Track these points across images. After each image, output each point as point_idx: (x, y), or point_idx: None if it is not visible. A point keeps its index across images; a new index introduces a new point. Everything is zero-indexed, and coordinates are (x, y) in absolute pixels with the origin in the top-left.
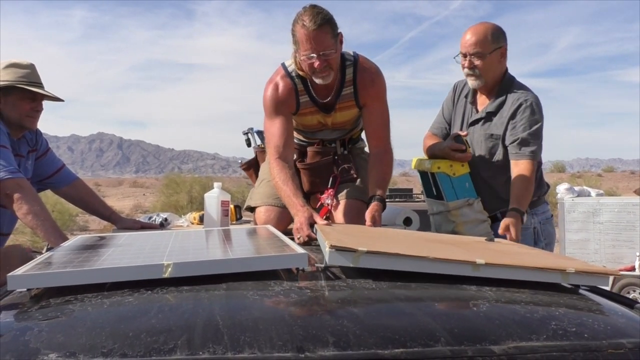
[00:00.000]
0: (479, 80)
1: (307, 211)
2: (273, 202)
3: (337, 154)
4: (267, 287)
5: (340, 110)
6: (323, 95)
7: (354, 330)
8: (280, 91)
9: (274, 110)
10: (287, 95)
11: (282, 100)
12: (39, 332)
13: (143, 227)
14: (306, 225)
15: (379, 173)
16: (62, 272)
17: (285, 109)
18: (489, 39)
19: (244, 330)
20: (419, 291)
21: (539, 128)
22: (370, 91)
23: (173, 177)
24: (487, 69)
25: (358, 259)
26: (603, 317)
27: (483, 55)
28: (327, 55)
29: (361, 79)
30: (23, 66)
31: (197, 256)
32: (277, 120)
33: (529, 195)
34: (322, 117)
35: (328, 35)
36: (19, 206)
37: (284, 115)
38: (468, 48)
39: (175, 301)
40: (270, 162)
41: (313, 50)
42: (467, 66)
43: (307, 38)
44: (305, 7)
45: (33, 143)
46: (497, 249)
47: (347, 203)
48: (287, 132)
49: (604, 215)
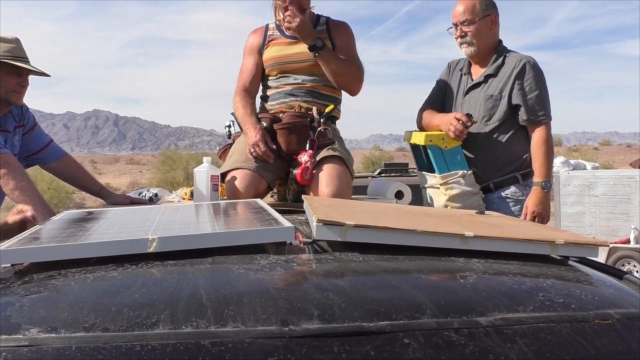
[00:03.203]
0: (472, 47)
1: (261, 130)
2: (240, 165)
3: (314, 120)
4: (253, 261)
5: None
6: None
7: (339, 303)
8: (254, 34)
9: (246, 50)
10: (258, 34)
11: (253, 39)
12: (20, 307)
13: (133, 203)
14: (262, 142)
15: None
16: (46, 247)
17: (255, 49)
18: (477, 7)
19: (228, 304)
20: (405, 264)
21: (545, 88)
22: (342, 33)
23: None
24: (478, 35)
25: (346, 233)
26: (591, 287)
27: (473, 21)
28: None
29: (333, 24)
30: (8, 40)
31: (183, 231)
32: (247, 59)
33: (550, 161)
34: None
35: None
36: (5, 182)
37: (253, 56)
38: (459, 17)
39: (160, 275)
40: (235, 94)
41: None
42: (459, 34)
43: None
44: None
45: (19, 118)
46: (487, 221)
47: (327, 166)
48: (254, 69)
49: (600, 188)
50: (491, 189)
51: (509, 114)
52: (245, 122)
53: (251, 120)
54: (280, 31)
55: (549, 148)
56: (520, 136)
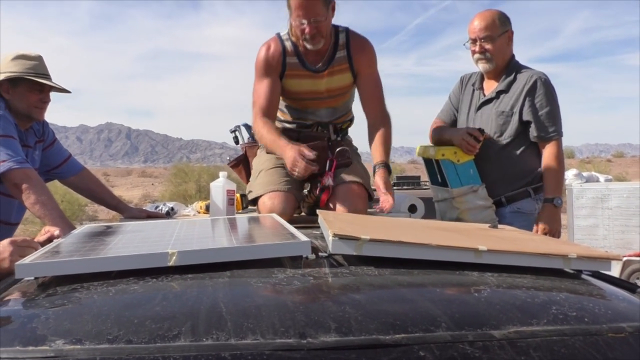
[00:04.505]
0: (490, 64)
1: (294, 147)
2: (275, 187)
3: (331, 139)
4: (271, 275)
5: (334, 74)
6: (315, 61)
7: (355, 316)
8: (269, 52)
9: (262, 71)
10: (275, 56)
11: (270, 61)
12: (46, 320)
13: (149, 216)
14: (300, 158)
15: (381, 139)
16: (69, 260)
17: (272, 71)
18: (497, 23)
19: (247, 317)
20: (420, 277)
21: (557, 104)
22: (363, 56)
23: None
24: (497, 51)
25: (361, 247)
26: (604, 301)
27: (493, 38)
28: (318, 22)
29: (354, 43)
30: (31, 58)
31: (201, 245)
32: (265, 81)
33: (561, 177)
34: (313, 83)
35: (320, 2)
36: (27, 196)
37: (272, 78)
38: (478, 33)
39: (180, 289)
40: (255, 119)
41: (304, 17)
42: (478, 51)
43: (299, 4)
44: None
45: (40, 134)
46: (500, 235)
47: (346, 187)
48: (273, 94)
49: (613, 201)
50: (503, 203)
51: (520, 130)
52: (276, 147)
53: (281, 142)
54: (299, 57)
55: (560, 164)
56: (532, 151)
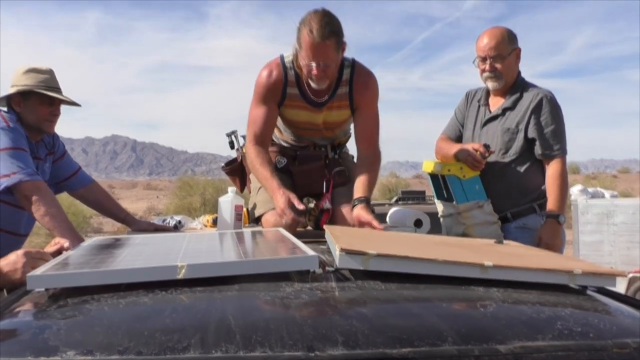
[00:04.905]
0: (499, 82)
1: (284, 194)
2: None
3: (328, 157)
4: (279, 288)
5: (333, 109)
6: (315, 94)
7: (362, 330)
8: (270, 78)
9: (261, 96)
10: (276, 83)
11: (270, 87)
12: (58, 331)
13: (157, 229)
14: (287, 209)
15: (366, 176)
16: (80, 272)
17: (271, 97)
18: (506, 41)
19: (256, 330)
20: (426, 292)
21: (562, 122)
22: (364, 94)
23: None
24: (507, 70)
25: (368, 262)
26: (609, 317)
27: (503, 57)
28: (327, 66)
29: (357, 79)
30: (42, 71)
31: (210, 258)
32: (262, 107)
33: (564, 196)
34: (310, 115)
35: (332, 47)
36: (36, 208)
37: (269, 104)
38: (488, 52)
39: (189, 301)
40: (248, 147)
41: (314, 59)
42: (488, 69)
43: (311, 46)
44: (316, 11)
45: (50, 146)
46: (506, 251)
47: (346, 209)
48: (269, 120)
49: (619, 217)
50: (509, 218)
51: (525, 147)
52: (267, 186)
53: (273, 184)
54: (301, 90)
55: (564, 181)
56: (538, 168)
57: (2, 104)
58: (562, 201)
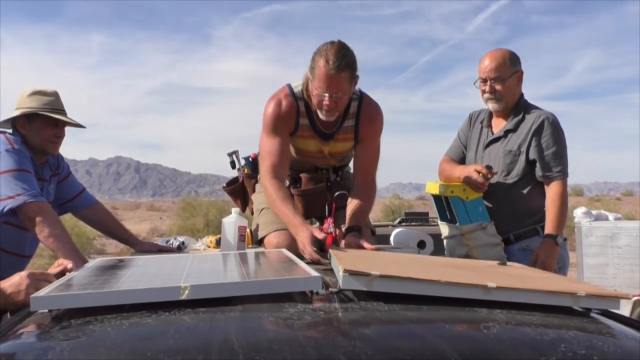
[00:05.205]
0: (500, 104)
1: (306, 230)
2: (279, 226)
3: (330, 180)
4: (282, 309)
5: (338, 141)
6: (325, 125)
7: (366, 351)
8: (282, 109)
9: (273, 127)
10: (288, 114)
11: (283, 118)
12: (61, 352)
13: (160, 250)
14: (309, 245)
15: (360, 205)
16: (83, 293)
17: (284, 128)
18: (508, 64)
19: (259, 351)
20: (430, 314)
21: (563, 145)
22: (369, 129)
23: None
24: (507, 92)
25: (371, 283)
26: (613, 339)
27: (503, 79)
28: (339, 98)
29: (364, 113)
30: (47, 94)
31: (213, 279)
32: (276, 138)
33: (563, 218)
34: (317, 145)
35: (346, 80)
36: (40, 229)
37: (282, 135)
38: (488, 73)
39: (192, 322)
40: (265, 180)
41: (327, 90)
42: (488, 91)
43: (325, 77)
44: (332, 43)
45: (55, 167)
46: (509, 272)
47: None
48: (283, 151)
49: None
50: (512, 240)
51: (527, 170)
52: (288, 222)
53: (296, 221)
54: (311, 121)
55: (563, 204)
56: (540, 190)
57: (7, 126)
58: (561, 222)
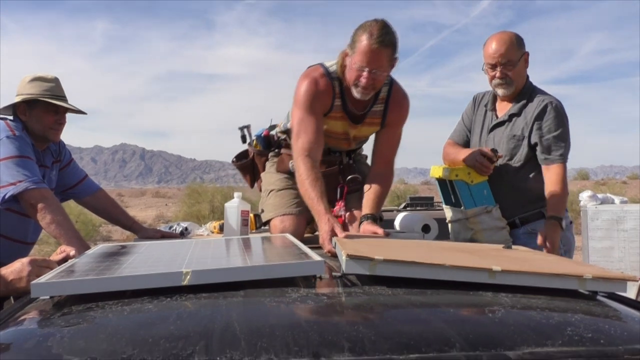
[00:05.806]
0: (510, 89)
1: (328, 223)
2: (285, 210)
3: (343, 163)
4: (284, 294)
5: (364, 124)
6: (356, 106)
7: (369, 335)
8: (319, 88)
9: (310, 105)
10: (325, 94)
11: (320, 97)
12: (61, 338)
13: (164, 236)
14: (328, 243)
15: (378, 192)
16: (84, 279)
17: (319, 107)
18: (515, 46)
19: (261, 336)
20: (434, 298)
21: (566, 130)
22: (397, 115)
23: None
24: (517, 76)
25: (374, 267)
26: (620, 323)
27: (514, 63)
28: (378, 74)
29: (394, 99)
30: (48, 80)
31: (215, 264)
32: (312, 116)
33: (564, 199)
34: (345, 127)
35: (386, 57)
36: (42, 216)
37: (318, 114)
38: (498, 58)
39: (194, 308)
40: (298, 158)
41: (367, 64)
42: (499, 76)
43: (368, 51)
44: (377, 20)
45: (57, 154)
46: (514, 256)
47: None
48: (319, 129)
49: (629, 223)
50: (517, 224)
51: (531, 155)
52: (313, 207)
53: (320, 208)
54: (343, 100)
55: (564, 188)
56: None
57: (8, 112)
58: (563, 206)
